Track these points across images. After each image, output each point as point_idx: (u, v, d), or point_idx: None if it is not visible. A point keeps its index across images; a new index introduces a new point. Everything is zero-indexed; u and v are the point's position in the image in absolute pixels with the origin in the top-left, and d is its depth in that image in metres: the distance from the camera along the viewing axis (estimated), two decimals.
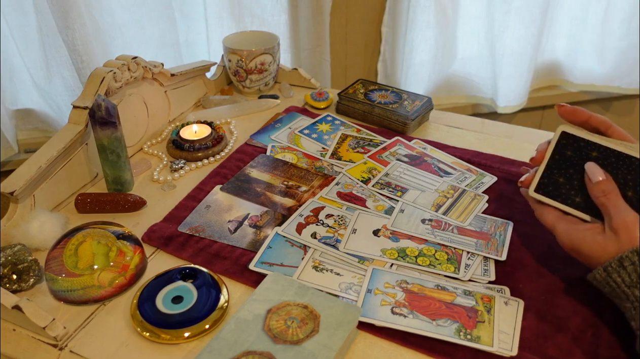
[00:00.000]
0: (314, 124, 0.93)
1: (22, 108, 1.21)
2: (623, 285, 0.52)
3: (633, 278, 0.51)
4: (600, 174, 0.58)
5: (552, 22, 1.42)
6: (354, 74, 1.46)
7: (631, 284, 0.52)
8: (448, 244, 0.68)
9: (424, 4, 1.30)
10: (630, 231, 0.53)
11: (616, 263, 0.52)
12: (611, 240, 0.54)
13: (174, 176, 0.82)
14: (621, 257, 0.52)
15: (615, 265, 0.52)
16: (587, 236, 0.56)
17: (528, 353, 0.55)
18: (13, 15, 1.08)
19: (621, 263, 0.52)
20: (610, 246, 0.54)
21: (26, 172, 0.69)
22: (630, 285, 0.52)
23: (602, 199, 0.57)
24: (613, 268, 0.53)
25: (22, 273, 0.62)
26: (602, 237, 0.55)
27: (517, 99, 1.47)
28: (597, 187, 0.58)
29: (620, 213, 0.55)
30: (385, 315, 0.59)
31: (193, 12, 1.23)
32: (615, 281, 0.53)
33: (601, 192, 0.57)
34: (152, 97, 0.89)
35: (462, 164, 0.83)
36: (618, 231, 0.54)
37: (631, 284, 0.52)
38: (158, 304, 0.59)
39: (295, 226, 0.71)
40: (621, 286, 0.52)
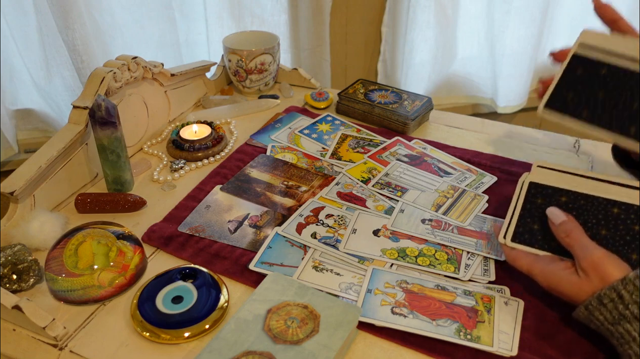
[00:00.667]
0: (314, 124, 0.93)
1: (22, 108, 1.21)
2: (606, 323, 0.52)
3: (614, 315, 0.51)
4: (561, 216, 0.59)
5: (552, 22, 1.41)
6: (354, 74, 1.46)
7: (614, 322, 0.51)
8: (448, 244, 0.68)
9: (424, 4, 1.30)
10: (598, 269, 0.53)
11: (595, 301, 0.52)
12: (584, 280, 0.54)
13: (174, 176, 0.82)
14: (599, 296, 0.52)
15: (595, 303, 0.52)
16: (563, 276, 0.56)
17: (528, 353, 0.55)
18: (13, 15, 1.08)
19: (600, 301, 0.52)
20: (584, 285, 0.54)
21: (26, 172, 0.69)
22: (612, 322, 0.51)
23: (566, 239, 0.57)
24: (594, 306, 0.52)
25: (22, 273, 0.62)
26: (576, 278, 0.55)
27: (517, 99, 1.47)
28: (560, 228, 0.58)
29: (586, 252, 0.55)
30: (385, 315, 0.59)
31: (193, 12, 1.23)
32: (597, 319, 0.52)
33: (564, 232, 0.58)
34: (152, 97, 0.89)
35: (462, 164, 0.83)
36: (588, 271, 0.54)
37: (614, 322, 0.51)
38: (158, 304, 0.59)
39: (295, 226, 0.71)
40: (604, 323, 0.52)
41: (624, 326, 0.50)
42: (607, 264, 0.53)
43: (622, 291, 0.51)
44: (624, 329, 0.50)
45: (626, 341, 0.50)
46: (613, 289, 0.51)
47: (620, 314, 0.50)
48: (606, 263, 0.53)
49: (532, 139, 0.90)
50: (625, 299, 0.50)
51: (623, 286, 0.51)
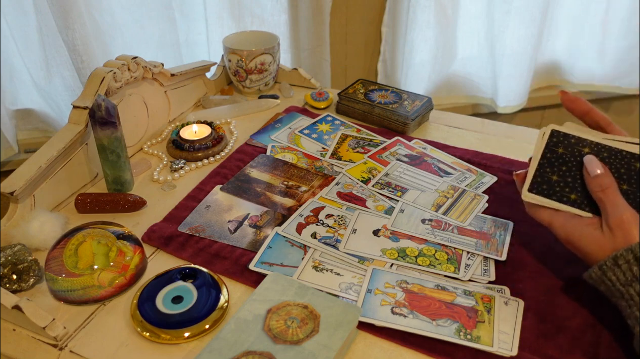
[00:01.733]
0: (314, 124, 0.93)
1: (22, 108, 1.21)
2: (618, 283, 0.52)
3: (628, 276, 0.51)
4: (598, 168, 0.57)
5: (552, 22, 1.42)
6: (354, 74, 1.46)
7: (626, 283, 0.51)
8: (448, 244, 0.68)
9: (424, 4, 1.30)
10: (626, 229, 0.53)
11: (611, 261, 0.52)
12: (607, 237, 0.54)
13: (174, 176, 0.82)
14: (615, 256, 0.52)
15: (610, 263, 0.52)
16: (585, 232, 0.56)
17: (528, 353, 0.55)
18: (13, 15, 1.08)
19: (616, 261, 0.52)
20: (606, 243, 0.54)
21: (26, 172, 0.69)
22: (625, 283, 0.51)
23: (599, 193, 0.57)
24: (608, 266, 0.52)
25: (22, 273, 0.62)
26: (599, 233, 0.55)
27: (517, 99, 1.47)
28: (595, 181, 0.57)
29: (617, 210, 0.54)
30: (385, 315, 0.59)
31: (193, 12, 1.23)
32: (610, 279, 0.52)
33: (599, 186, 0.57)
34: (152, 97, 0.89)
35: (462, 164, 0.83)
36: (614, 229, 0.54)
37: (626, 283, 0.51)
38: (158, 304, 0.59)
39: (295, 226, 0.71)
40: (616, 284, 0.52)
41: (635, 287, 0.51)
42: (635, 225, 0.53)
43: (639, 253, 0.51)
44: (635, 291, 0.51)
45: (635, 302, 0.51)
46: (630, 251, 0.51)
47: (633, 275, 0.51)
48: (634, 224, 0.53)
49: (532, 139, 0.90)
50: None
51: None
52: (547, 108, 1.60)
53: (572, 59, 1.49)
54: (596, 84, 1.53)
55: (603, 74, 1.50)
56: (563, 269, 0.65)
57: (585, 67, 1.50)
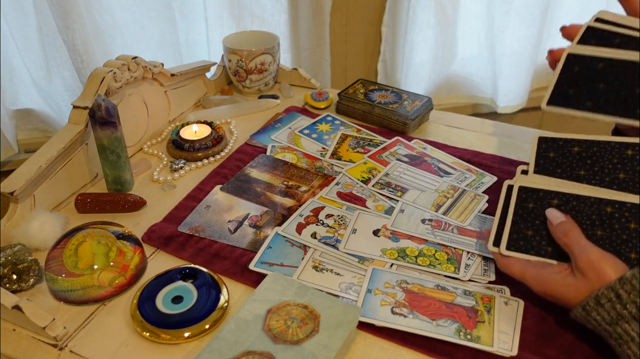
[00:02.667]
0: (314, 124, 0.93)
1: (22, 108, 1.21)
2: (604, 323, 0.51)
3: (612, 315, 0.50)
4: (559, 216, 0.59)
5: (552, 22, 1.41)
6: (354, 74, 1.46)
7: (611, 322, 0.51)
8: (448, 244, 0.68)
9: (424, 4, 1.30)
10: (596, 268, 0.53)
11: (593, 301, 0.52)
12: (581, 281, 0.54)
13: (174, 176, 0.82)
14: (597, 296, 0.51)
15: (593, 303, 0.52)
16: (559, 281, 0.55)
17: (528, 353, 0.55)
18: (13, 15, 1.08)
19: (598, 301, 0.51)
20: (581, 286, 0.53)
21: (26, 172, 0.69)
22: (610, 323, 0.51)
23: (563, 239, 0.57)
24: (591, 306, 0.52)
25: (22, 273, 0.62)
26: (573, 279, 0.55)
27: (517, 99, 1.47)
28: (558, 229, 0.58)
29: (583, 252, 0.54)
30: (385, 315, 0.59)
31: (193, 12, 1.23)
32: (595, 319, 0.52)
33: (562, 232, 0.57)
34: (152, 97, 0.89)
35: (462, 164, 0.83)
36: (585, 271, 0.53)
37: (611, 322, 0.51)
38: (158, 304, 0.59)
39: (295, 226, 0.71)
40: (602, 324, 0.51)
41: (622, 326, 0.50)
42: (604, 263, 0.53)
43: (619, 290, 0.50)
44: (622, 329, 0.50)
45: (624, 341, 0.50)
46: (611, 289, 0.51)
47: (618, 314, 0.50)
48: (603, 263, 0.53)
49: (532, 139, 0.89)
50: (623, 298, 0.50)
51: (621, 286, 0.50)
52: None
53: None
54: None
55: None
56: None
57: None
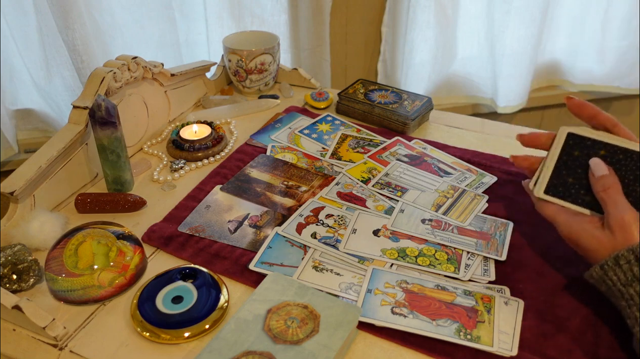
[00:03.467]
0: (314, 124, 0.93)
1: (22, 108, 1.21)
2: (619, 283, 0.52)
3: (628, 276, 0.52)
4: (603, 169, 0.58)
5: (552, 22, 1.42)
6: (354, 74, 1.46)
7: (626, 283, 0.52)
8: (448, 244, 0.68)
9: (424, 4, 1.30)
10: (625, 229, 0.54)
11: (612, 261, 0.53)
12: (608, 236, 0.55)
13: (174, 176, 0.82)
14: (617, 256, 0.52)
15: (612, 263, 0.53)
16: (586, 230, 0.57)
17: (528, 353, 0.55)
18: (13, 15, 1.08)
19: (617, 261, 0.52)
20: (606, 242, 0.54)
21: (26, 172, 0.69)
22: (625, 283, 0.52)
23: (602, 194, 0.57)
24: (609, 266, 0.53)
25: (22, 273, 0.62)
26: (600, 233, 0.56)
27: (517, 99, 1.47)
28: (598, 182, 0.58)
29: (617, 210, 0.55)
30: (385, 315, 0.59)
31: (193, 12, 1.23)
32: (611, 279, 0.53)
33: (601, 186, 0.58)
34: (152, 97, 0.89)
35: (462, 164, 0.83)
36: (615, 229, 0.54)
37: (626, 283, 0.52)
38: (158, 304, 0.59)
39: (295, 226, 0.71)
40: (617, 284, 0.52)
41: (636, 288, 0.51)
42: (634, 226, 0.54)
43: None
44: (635, 291, 0.51)
45: (635, 302, 0.51)
46: (632, 251, 0.52)
47: (633, 275, 0.51)
48: (634, 225, 0.54)
49: None
50: None
51: None
52: (547, 108, 1.60)
53: (572, 59, 1.49)
54: (596, 84, 1.53)
55: (603, 74, 1.50)
56: (563, 269, 0.65)
57: (585, 67, 1.50)
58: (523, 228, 0.71)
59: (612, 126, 0.61)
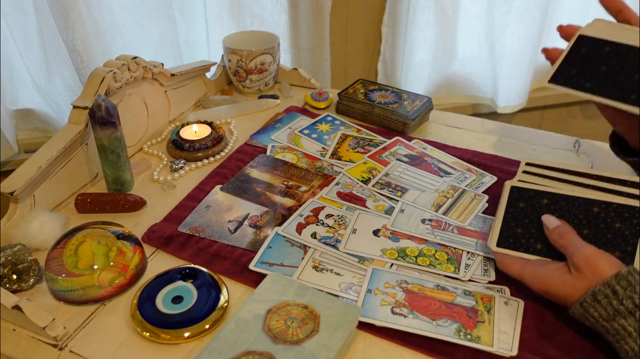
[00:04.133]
0: (314, 124, 0.93)
1: (22, 108, 1.21)
2: (601, 319, 0.52)
3: (609, 311, 0.51)
4: (555, 221, 0.61)
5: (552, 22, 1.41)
6: (354, 74, 1.46)
7: (609, 318, 0.51)
8: (448, 244, 0.68)
9: (424, 4, 1.30)
10: (591, 264, 0.54)
11: (590, 298, 0.52)
12: (578, 278, 0.55)
13: (174, 176, 0.82)
14: (594, 292, 0.52)
15: (590, 300, 0.52)
16: (555, 277, 0.56)
17: (528, 353, 0.55)
18: (13, 15, 1.08)
19: (595, 298, 0.52)
20: (578, 283, 0.54)
21: (26, 172, 0.69)
22: (607, 319, 0.51)
23: (560, 241, 0.59)
24: (588, 303, 0.53)
25: (22, 273, 0.62)
26: (569, 277, 0.56)
27: (517, 99, 1.47)
28: (554, 232, 0.60)
29: (578, 250, 0.56)
30: (385, 315, 0.59)
31: (193, 12, 1.23)
32: (592, 316, 0.53)
33: (558, 235, 0.59)
34: (152, 97, 0.89)
35: (462, 164, 0.83)
36: (581, 268, 0.55)
37: (609, 318, 0.51)
38: (158, 304, 0.59)
39: (295, 226, 0.71)
40: (599, 320, 0.52)
41: (619, 321, 0.51)
42: (600, 259, 0.54)
43: (615, 286, 0.51)
44: (619, 325, 0.51)
45: (622, 336, 0.51)
46: (607, 285, 0.52)
47: (615, 310, 0.51)
48: (598, 259, 0.54)
49: (532, 139, 0.90)
50: (619, 294, 0.51)
51: (617, 282, 0.51)
52: (547, 108, 1.60)
53: None
54: None
55: None
56: None
57: None
58: None
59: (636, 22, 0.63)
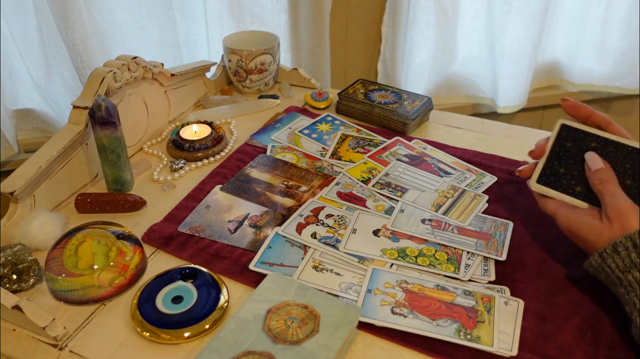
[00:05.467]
0: (314, 124, 0.93)
1: (22, 108, 1.21)
2: (617, 270, 0.54)
3: (626, 263, 0.53)
4: (599, 163, 0.60)
5: (552, 22, 1.42)
6: (354, 74, 1.46)
7: (624, 269, 0.53)
8: (448, 244, 0.68)
9: (424, 4, 1.30)
10: (623, 218, 0.55)
11: (610, 249, 0.54)
12: (606, 226, 0.56)
13: (174, 176, 0.82)
14: (615, 243, 0.54)
15: (610, 251, 0.54)
16: (585, 221, 0.58)
17: (528, 353, 0.55)
18: (13, 15, 1.08)
19: (615, 249, 0.54)
20: (605, 232, 0.56)
21: (26, 172, 0.69)
22: (623, 270, 0.53)
23: (599, 186, 0.59)
24: (607, 254, 0.54)
25: (22, 273, 0.62)
26: (598, 223, 0.57)
27: (517, 99, 1.47)
28: (595, 175, 0.60)
29: (615, 201, 0.57)
30: (385, 315, 0.59)
31: (193, 12, 1.23)
32: (609, 266, 0.54)
33: (598, 179, 0.60)
34: (152, 97, 0.89)
35: (462, 164, 0.83)
36: (613, 219, 0.56)
37: (624, 269, 0.53)
38: (158, 304, 0.59)
39: (295, 226, 0.71)
40: (615, 271, 0.54)
41: (634, 273, 0.52)
42: (632, 215, 0.55)
43: (637, 240, 0.53)
44: (633, 277, 0.53)
45: (633, 288, 0.52)
46: (629, 238, 0.53)
47: (632, 262, 0.53)
48: (631, 214, 0.55)
49: (532, 139, 0.90)
50: (639, 247, 0.52)
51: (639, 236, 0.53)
52: (547, 108, 1.60)
53: (572, 59, 1.49)
54: (596, 84, 1.53)
55: (603, 74, 1.50)
56: (563, 269, 0.65)
57: (585, 67, 1.50)
58: (523, 228, 0.71)
59: (605, 124, 0.64)
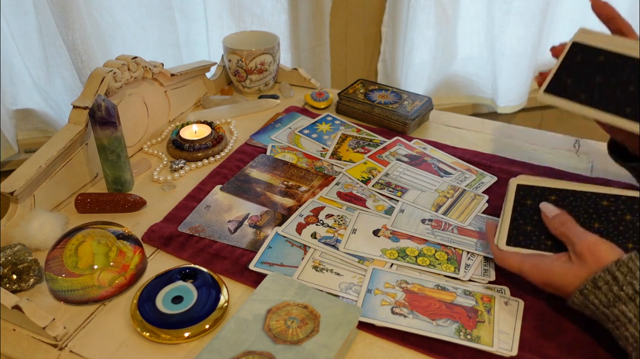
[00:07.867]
0: (314, 124, 0.93)
1: (22, 108, 1.21)
2: (601, 306, 0.52)
3: (609, 297, 0.51)
4: (554, 209, 0.61)
5: (552, 22, 1.42)
6: (354, 74, 1.46)
7: (608, 304, 0.51)
8: (448, 244, 0.68)
9: (424, 4, 1.30)
10: (593, 251, 0.54)
11: (590, 285, 0.52)
12: (579, 265, 0.54)
13: (174, 176, 0.82)
14: (594, 278, 0.52)
15: (590, 287, 0.52)
16: (556, 267, 0.56)
17: (528, 353, 0.55)
18: (13, 15, 1.08)
19: (595, 284, 0.52)
20: (579, 271, 0.54)
21: (26, 172, 0.69)
22: (607, 305, 0.51)
23: (560, 229, 0.59)
24: (589, 290, 0.52)
25: (22, 273, 0.62)
26: (571, 265, 0.55)
27: (517, 99, 1.47)
28: (554, 220, 0.60)
29: (580, 237, 0.56)
30: (385, 315, 0.59)
31: (193, 12, 1.23)
32: (593, 303, 0.52)
33: (559, 223, 0.59)
34: (152, 97, 0.89)
35: (462, 164, 0.83)
36: (582, 255, 0.54)
37: (608, 304, 0.51)
38: (158, 304, 0.59)
39: (295, 226, 0.71)
40: (600, 307, 0.52)
41: (619, 307, 0.51)
42: (601, 247, 0.54)
43: (616, 272, 0.51)
44: (619, 311, 0.51)
45: (622, 323, 0.51)
46: (607, 271, 0.52)
47: (615, 296, 0.51)
48: (600, 246, 0.54)
49: (532, 139, 0.90)
50: (619, 280, 0.51)
51: (617, 268, 0.51)
52: (547, 108, 1.60)
53: None
54: None
55: None
56: None
57: None
58: None
59: (628, 32, 0.63)
